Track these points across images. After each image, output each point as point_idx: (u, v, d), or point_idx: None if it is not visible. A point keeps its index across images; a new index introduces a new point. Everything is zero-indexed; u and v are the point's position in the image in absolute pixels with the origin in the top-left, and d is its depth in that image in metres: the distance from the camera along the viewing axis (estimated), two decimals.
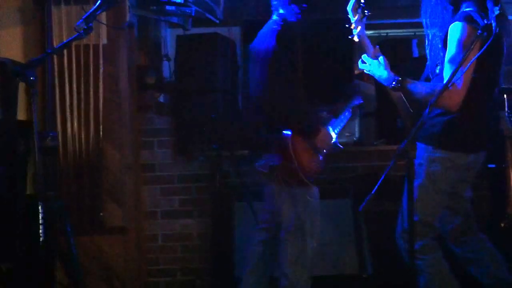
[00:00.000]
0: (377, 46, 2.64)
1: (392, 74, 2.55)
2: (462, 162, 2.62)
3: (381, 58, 2.59)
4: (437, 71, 2.64)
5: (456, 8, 2.56)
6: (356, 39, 2.63)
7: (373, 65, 2.60)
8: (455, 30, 2.46)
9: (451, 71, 2.31)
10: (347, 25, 2.62)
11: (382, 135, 4.14)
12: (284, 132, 2.86)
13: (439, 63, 2.61)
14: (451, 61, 2.44)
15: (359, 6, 2.59)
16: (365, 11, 2.59)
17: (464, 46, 2.41)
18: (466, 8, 2.51)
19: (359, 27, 2.60)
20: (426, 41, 2.69)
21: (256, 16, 4.81)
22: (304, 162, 2.89)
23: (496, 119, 3.16)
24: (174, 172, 4.03)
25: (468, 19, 2.44)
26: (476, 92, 2.47)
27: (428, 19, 2.65)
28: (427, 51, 2.69)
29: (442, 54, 2.57)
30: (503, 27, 2.46)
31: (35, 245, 2.62)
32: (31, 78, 2.38)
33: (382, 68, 2.57)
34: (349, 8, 2.61)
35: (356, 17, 2.59)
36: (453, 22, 2.49)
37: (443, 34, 2.55)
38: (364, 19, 2.60)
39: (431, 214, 2.62)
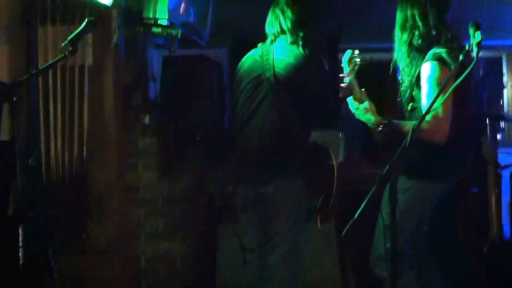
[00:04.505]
0: (363, 90, 2.68)
1: (379, 118, 2.59)
2: (433, 193, 2.66)
3: (366, 102, 2.62)
4: (409, 108, 2.68)
5: (426, 50, 2.61)
6: (345, 85, 2.67)
7: (359, 110, 2.63)
8: (427, 70, 2.53)
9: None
10: (340, 75, 2.66)
11: (367, 159, 4.15)
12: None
13: (409, 99, 2.66)
14: (428, 98, 2.49)
15: (353, 57, 2.64)
16: (358, 61, 2.63)
17: (438, 83, 2.46)
18: (436, 50, 2.56)
19: (351, 76, 2.64)
20: (400, 81, 2.74)
21: (243, 39, 4.86)
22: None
23: (477, 144, 3.20)
24: (158, 194, 4.01)
25: (438, 58, 2.51)
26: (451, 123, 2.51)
27: (400, 62, 2.70)
28: (399, 87, 2.74)
29: (412, 92, 2.63)
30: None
31: (15, 268, 2.57)
32: (14, 99, 2.37)
33: (369, 113, 2.61)
34: (344, 59, 2.65)
35: (350, 67, 2.63)
36: (424, 62, 2.54)
37: (413, 74, 2.61)
38: (356, 67, 2.65)
39: (401, 241, 2.63)
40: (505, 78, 5.41)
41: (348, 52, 2.66)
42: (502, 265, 3.22)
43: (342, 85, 2.68)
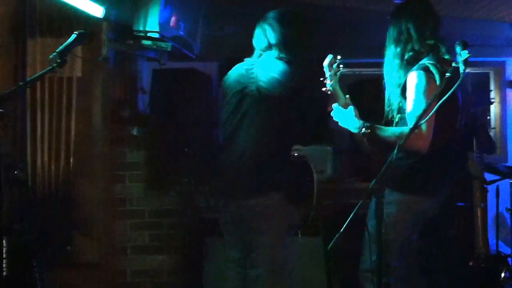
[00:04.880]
0: (347, 96, 2.70)
1: (362, 121, 2.61)
2: (416, 207, 2.67)
3: (351, 107, 2.65)
4: (397, 119, 2.70)
5: (416, 62, 2.64)
6: (328, 91, 2.68)
7: (344, 115, 2.65)
8: (413, 78, 2.56)
9: (416, 115, 2.38)
10: (321, 79, 2.68)
11: (355, 173, 4.18)
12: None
13: (397, 111, 2.68)
14: (415, 106, 2.51)
15: (335, 61, 2.66)
16: (340, 66, 2.65)
17: (424, 91, 2.49)
18: (423, 61, 2.60)
19: (333, 80, 2.66)
20: (385, 92, 2.77)
21: (233, 52, 4.89)
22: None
23: (464, 159, 3.22)
24: (145, 207, 3.99)
25: (424, 69, 2.54)
26: (435, 137, 2.53)
27: (389, 75, 2.73)
28: (386, 100, 2.77)
29: (399, 103, 2.65)
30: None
31: None
32: (1, 111, 2.36)
33: (352, 117, 2.63)
34: (325, 63, 2.67)
35: (331, 71, 2.65)
36: (410, 72, 2.57)
37: (401, 84, 2.64)
38: (338, 73, 2.67)
39: (388, 253, 2.63)
40: (492, 94, 5.46)
41: (330, 56, 2.68)
42: (488, 278, 3.23)
43: (323, 89, 2.69)
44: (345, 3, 4.44)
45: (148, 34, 3.55)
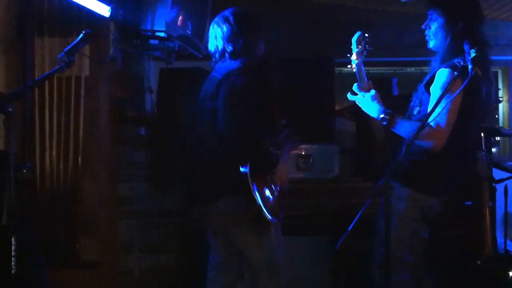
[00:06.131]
0: (371, 81, 2.70)
1: (383, 107, 2.60)
2: (424, 204, 2.67)
3: (373, 91, 2.65)
4: (415, 112, 2.69)
5: (448, 58, 2.62)
6: (354, 69, 2.68)
7: (365, 97, 2.64)
8: (441, 75, 2.55)
9: (434, 112, 2.38)
10: (348, 55, 2.67)
11: (361, 173, 4.17)
12: (242, 168, 2.69)
13: (418, 106, 2.68)
14: (434, 103, 2.49)
15: (363, 39, 2.65)
16: (367, 45, 2.64)
17: (446, 89, 2.47)
18: (454, 59, 2.56)
19: (359, 58, 2.65)
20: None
21: None
22: (267, 202, 2.76)
23: (473, 159, 3.21)
24: (152, 206, 4.00)
25: (453, 67, 2.51)
26: (450, 137, 2.52)
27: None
28: (414, 94, 2.77)
29: (422, 97, 2.65)
30: (481, 70, 2.51)
31: (7, 279, 2.56)
32: (9, 110, 2.37)
33: (375, 101, 2.62)
34: (354, 38, 2.66)
35: (359, 48, 2.64)
36: (440, 68, 2.56)
37: (427, 79, 2.63)
38: (365, 53, 2.66)
39: (400, 249, 2.63)
40: (500, 93, 5.44)
41: (359, 32, 2.66)
42: (496, 278, 3.22)
43: (348, 66, 2.67)
44: (346, 2, 4.44)
45: (155, 34, 3.55)
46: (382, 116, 2.58)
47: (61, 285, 3.49)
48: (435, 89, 2.55)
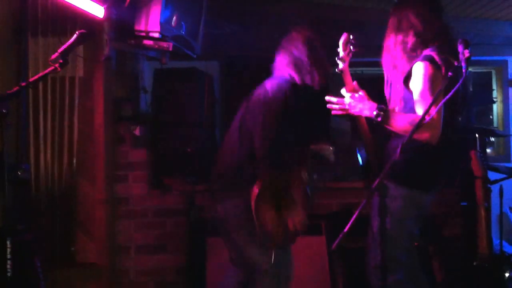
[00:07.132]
0: (355, 82, 2.70)
1: (375, 103, 2.60)
2: (420, 200, 2.69)
3: (360, 92, 2.65)
4: (396, 109, 2.69)
5: (417, 50, 2.64)
6: (339, 69, 2.69)
7: (355, 99, 2.64)
8: (419, 69, 2.54)
9: (424, 105, 2.38)
10: (335, 58, 2.69)
11: (357, 172, 4.16)
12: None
13: (399, 101, 2.68)
14: (422, 96, 2.50)
15: (349, 42, 2.67)
16: (353, 48, 2.65)
17: (431, 81, 2.48)
18: (427, 52, 2.59)
19: (345, 62, 2.67)
20: (385, 83, 2.76)
21: (234, 52, 4.88)
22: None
23: (465, 158, 3.23)
24: (149, 206, 3.99)
25: (429, 59, 2.53)
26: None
27: (387, 65, 2.73)
28: (387, 92, 2.76)
29: (402, 94, 2.65)
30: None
31: (2, 281, 2.55)
32: (3, 111, 2.36)
33: (365, 100, 2.63)
34: (340, 41, 2.68)
35: (346, 51, 2.66)
36: (415, 63, 2.57)
37: (404, 76, 2.63)
38: (351, 55, 2.68)
39: (396, 248, 2.64)
40: (494, 93, 5.46)
41: (345, 34, 2.69)
42: (492, 278, 3.23)
43: (337, 69, 2.71)
44: (344, 2, 4.44)
45: (150, 34, 3.54)
46: (376, 112, 2.58)
47: (58, 285, 3.49)
48: (417, 83, 2.55)
